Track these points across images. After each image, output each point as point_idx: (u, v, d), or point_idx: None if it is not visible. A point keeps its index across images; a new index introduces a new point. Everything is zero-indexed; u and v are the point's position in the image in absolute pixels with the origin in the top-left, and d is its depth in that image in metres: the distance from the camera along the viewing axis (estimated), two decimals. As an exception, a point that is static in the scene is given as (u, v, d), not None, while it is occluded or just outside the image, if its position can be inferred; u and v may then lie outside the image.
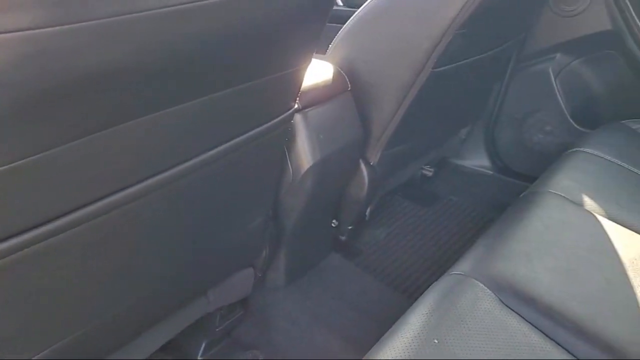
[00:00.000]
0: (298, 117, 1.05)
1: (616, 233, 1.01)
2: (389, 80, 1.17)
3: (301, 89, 0.90)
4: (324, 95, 1.10)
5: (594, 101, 1.64)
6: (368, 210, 1.41)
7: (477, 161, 1.85)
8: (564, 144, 1.69)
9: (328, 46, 1.22)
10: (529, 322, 0.81)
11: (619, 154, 1.26)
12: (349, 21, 1.17)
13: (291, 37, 0.71)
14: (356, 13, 1.15)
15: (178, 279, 0.90)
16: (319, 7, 0.71)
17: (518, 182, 1.81)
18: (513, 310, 0.83)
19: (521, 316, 0.82)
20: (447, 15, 1.04)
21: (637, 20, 1.45)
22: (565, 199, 1.09)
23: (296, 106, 0.93)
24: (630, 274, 0.92)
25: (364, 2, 1.17)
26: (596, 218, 1.05)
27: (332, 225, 1.40)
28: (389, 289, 1.42)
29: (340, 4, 1.94)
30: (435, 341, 0.73)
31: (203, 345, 1.18)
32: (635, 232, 1.04)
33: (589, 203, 1.10)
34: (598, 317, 0.82)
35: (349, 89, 1.17)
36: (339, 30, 1.20)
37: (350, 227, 1.43)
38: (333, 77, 1.13)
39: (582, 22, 1.56)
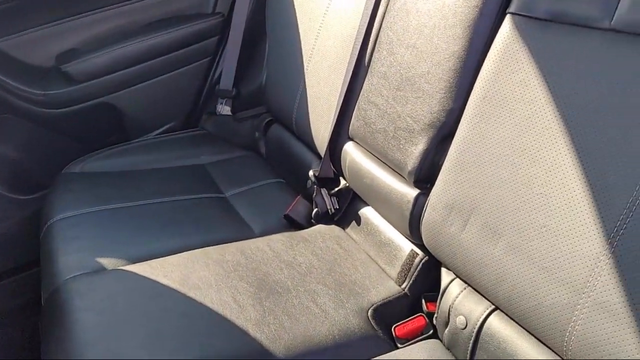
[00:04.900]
0: None
1: (161, 271, 1.04)
2: None
3: None
4: None
5: (24, 165, 1.56)
6: None
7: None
8: (13, 217, 1.56)
9: None
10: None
11: (89, 201, 1.28)
12: None
13: None
14: None
15: None
16: None
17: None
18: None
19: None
20: None
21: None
22: (84, 276, 1.05)
23: None
24: (228, 296, 0.99)
25: None
26: (123, 271, 1.07)
27: None
28: None
29: None
30: None
31: None
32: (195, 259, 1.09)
33: (106, 262, 1.10)
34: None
35: None
36: None
37: None
38: None
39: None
